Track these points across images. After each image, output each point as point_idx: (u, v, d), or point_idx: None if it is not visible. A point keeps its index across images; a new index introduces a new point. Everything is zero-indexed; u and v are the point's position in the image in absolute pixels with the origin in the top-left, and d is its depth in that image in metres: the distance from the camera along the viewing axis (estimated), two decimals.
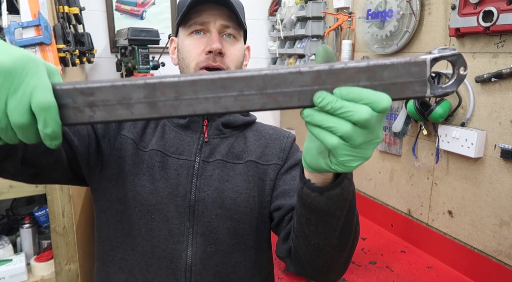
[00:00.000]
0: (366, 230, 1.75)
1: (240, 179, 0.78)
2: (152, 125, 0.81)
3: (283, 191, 0.78)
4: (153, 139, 0.79)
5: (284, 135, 0.87)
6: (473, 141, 1.27)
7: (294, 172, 0.80)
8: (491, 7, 1.14)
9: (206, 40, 0.75)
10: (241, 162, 0.79)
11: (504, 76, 1.18)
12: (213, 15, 0.75)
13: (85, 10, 1.61)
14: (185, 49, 0.77)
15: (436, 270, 1.43)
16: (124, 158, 0.76)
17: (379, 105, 0.38)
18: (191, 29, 0.76)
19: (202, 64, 0.74)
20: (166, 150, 0.77)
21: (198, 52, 0.75)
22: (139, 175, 0.75)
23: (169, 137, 0.79)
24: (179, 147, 0.78)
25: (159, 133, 0.79)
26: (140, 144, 0.78)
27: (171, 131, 0.80)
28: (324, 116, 0.39)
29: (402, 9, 1.50)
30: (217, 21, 0.75)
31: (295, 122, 2.51)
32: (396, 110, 1.63)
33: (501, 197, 1.25)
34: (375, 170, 1.82)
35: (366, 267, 1.45)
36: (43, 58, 1.19)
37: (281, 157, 0.82)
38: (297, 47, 2.15)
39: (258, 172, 0.80)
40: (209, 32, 0.76)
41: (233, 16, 0.76)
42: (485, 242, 1.32)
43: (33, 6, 1.15)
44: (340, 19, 1.86)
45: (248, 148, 0.81)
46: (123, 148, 0.77)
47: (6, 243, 1.42)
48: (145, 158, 0.76)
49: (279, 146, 0.84)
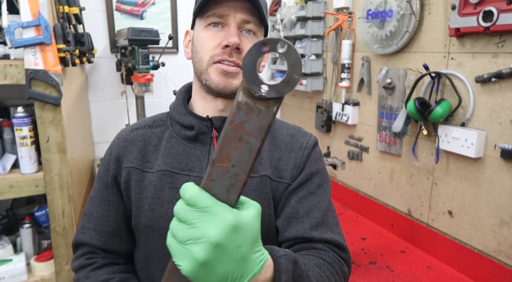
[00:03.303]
0: (366, 230, 1.75)
1: (255, 195, 0.71)
2: (153, 142, 0.76)
3: (284, 215, 0.72)
4: (159, 158, 0.73)
5: (302, 145, 0.77)
6: (473, 141, 1.27)
7: (302, 191, 0.74)
8: (491, 7, 1.14)
9: (224, 33, 0.69)
10: (255, 176, 0.72)
11: (504, 76, 1.18)
12: (233, 8, 0.69)
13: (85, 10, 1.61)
14: (200, 42, 0.71)
15: (436, 270, 1.43)
16: (130, 188, 0.74)
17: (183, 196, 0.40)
18: (209, 21, 0.70)
19: (216, 57, 0.69)
20: (174, 167, 0.72)
21: (214, 45, 0.69)
22: (148, 199, 0.71)
23: (177, 152, 0.73)
24: (188, 162, 0.73)
25: (166, 148, 0.74)
26: (146, 165, 0.74)
27: (179, 145, 0.74)
28: None
29: (402, 9, 1.50)
30: (237, 15, 0.69)
31: (295, 122, 2.51)
32: (396, 110, 1.63)
33: (501, 197, 1.25)
34: (375, 170, 1.82)
35: (366, 267, 1.45)
36: (43, 58, 1.19)
37: (294, 175, 0.75)
38: (297, 47, 2.15)
39: (272, 188, 0.73)
40: (227, 26, 0.70)
41: (255, 11, 0.70)
42: (485, 242, 1.32)
43: (33, 6, 1.15)
44: (340, 19, 1.86)
45: (263, 159, 0.74)
46: (127, 179, 0.74)
47: (6, 243, 1.42)
48: (153, 179, 0.72)
49: (294, 161, 0.75)
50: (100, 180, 0.77)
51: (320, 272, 0.62)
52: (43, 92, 1.21)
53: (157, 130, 0.77)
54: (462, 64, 1.33)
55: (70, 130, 1.41)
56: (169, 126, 0.77)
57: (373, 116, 1.78)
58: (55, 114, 1.26)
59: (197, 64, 0.73)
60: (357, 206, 1.94)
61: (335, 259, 0.68)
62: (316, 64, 2.07)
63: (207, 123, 0.74)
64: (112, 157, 0.76)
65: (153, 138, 0.76)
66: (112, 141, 0.80)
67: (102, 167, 0.78)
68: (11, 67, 1.20)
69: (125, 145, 0.76)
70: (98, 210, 0.77)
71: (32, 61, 1.18)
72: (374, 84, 1.75)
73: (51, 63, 1.20)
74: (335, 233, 0.72)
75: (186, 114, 0.74)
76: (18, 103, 1.41)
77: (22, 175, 1.31)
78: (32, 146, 1.31)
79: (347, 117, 1.90)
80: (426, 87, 1.47)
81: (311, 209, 0.72)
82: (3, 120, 1.38)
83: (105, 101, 2.15)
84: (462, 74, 1.33)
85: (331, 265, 0.66)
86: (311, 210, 0.72)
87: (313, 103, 2.22)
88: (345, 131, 2.00)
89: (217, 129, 0.74)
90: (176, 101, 0.79)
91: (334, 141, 2.09)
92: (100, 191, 0.77)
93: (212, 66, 0.69)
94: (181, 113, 0.75)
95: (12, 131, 1.33)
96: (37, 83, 1.20)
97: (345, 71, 1.86)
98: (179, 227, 0.40)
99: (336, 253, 0.70)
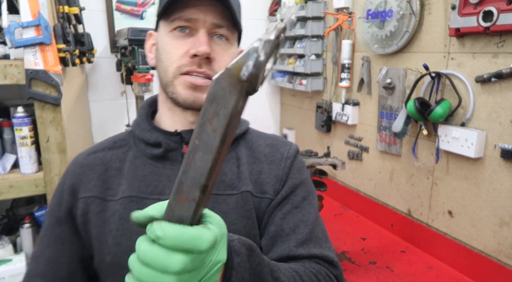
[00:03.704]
0: (366, 230, 1.75)
1: (237, 215, 0.63)
2: (115, 166, 0.66)
3: (268, 234, 0.65)
4: (123, 183, 0.64)
5: (283, 155, 0.71)
6: (473, 141, 1.27)
7: (286, 206, 0.67)
8: (491, 7, 1.14)
9: (192, 40, 0.61)
10: (235, 193, 0.64)
11: (504, 76, 1.18)
12: (203, 11, 0.60)
13: (85, 10, 1.61)
14: (164, 49, 0.63)
15: (436, 270, 1.43)
16: (89, 221, 0.63)
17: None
18: (174, 25, 0.61)
19: (184, 68, 0.61)
20: (142, 191, 0.62)
21: (181, 53, 0.61)
22: (113, 231, 0.61)
23: (144, 174, 0.64)
24: (157, 184, 0.63)
25: (130, 171, 0.65)
26: (107, 193, 0.64)
27: (145, 166, 0.65)
28: None
29: (402, 9, 1.50)
30: (207, 18, 0.61)
31: (295, 122, 2.51)
32: (396, 110, 1.63)
33: (501, 197, 1.25)
34: (375, 170, 1.82)
35: (366, 267, 1.45)
36: (43, 58, 1.19)
37: (277, 189, 0.68)
38: (297, 47, 2.15)
39: (254, 205, 0.65)
40: (196, 31, 0.61)
41: (227, 14, 0.62)
42: (485, 242, 1.32)
43: (33, 6, 1.15)
44: (340, 19, 1.86)
45: (242, 173, 0.66)
46: (85, 212, 0.63)
47: (6, 243, 1.42)
48: (117, 208, 0.62)
49: (276, 174, 0.68)
50: (51, 215, 0.66)
51: (294, 275, 0.55)
52: (43, 92, 1.21)
53: (119, 152, 0.68)
54: (462, 64, 1.33)
55: (70, 130, 1.41)
56: (132, 146, 0.68)
57: (373, 116, 1.78)
58: (55, 114, 1.26)
59: (162, 74, 0.64)
60: (357, 206, 1.94)
61: (321, 271, 0.61)
62: (316, 64, 2.07)
63: (176, 138, 0.65)
64: (66, 186, 0.66)
65: (114, 161, 0.66)
66: (66, 168, 0.70)
67: (54, 199, 0.67)
68: (11, 67, 1.20)
69: (81, 172, 0.66)
70: (48, 251, 0.65)
71: (32, 61, 1.18)
72: (374, 84, 1.75)
73: (51, 63, 1.20)
74: (325, 248, 0.66)
75: (151, 130, 0.66)
76: (18, 103, 1.41)
77: (22, 175, 1.31)
78: (32, 145, 1.31)
79: (347, 117, 1.90)
80: (426, 87, 1.47)
81: (296, 225, 0.65)
82: (3, 120, 1.38)
83: (105, 101, 2.15)
84: (462, 74, 1.33)
85: (314, 275, 0.59)
86: (297, 226, 0.65)
87: (313, 103, 2.22)
88: (345, 131, 1.99)
89: (188, 144, 0.64)
90: (138, 117, 0.70)
91: (334, 141, 2.09)
92: (51, 228, 0.66)
93: (179, 78, 0.61)
94: (145, 130, 0.66)
95: (12, 131, 1.33)
96: (37, 83, 1.20)
97: (345, 71, 1.86)
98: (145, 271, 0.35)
99: (326, 268, 0.63)
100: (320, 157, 1.45)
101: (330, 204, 2.00)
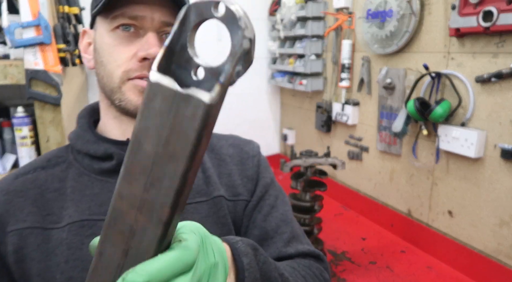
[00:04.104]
0: (366, 230, 1.75)
1: (210, 222, 0.57)
2: (53, 187, 0.55)
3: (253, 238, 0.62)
4: (67, 206, 0.54)
5: (248, 154, 0.67)
6: (473, 141, 1.27)
7: (265, 207, 0.64)
8: (491, 7, 1.14)
9: (140, 41, 0.53)
10: (205, 199, 0.59)
11: (504, 76, 1.18)
12: (149, 7, 0.52)
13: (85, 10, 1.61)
14: (106, 51, 0.54)
15: (436, 270, 1.43)
16: (26, 257, 0.52)
17: None
18: (117, 23, 0.53)
19: (133, 73, 0.53)
20: (94, 213, 0.53)
21: (127, 56, 0.53)
22: (61, 265, 0.51)
23: (94, 193, 0.55)
24: None
25: (76, 191, 0.55)
26: (47, 220, 0.53)
27: (94, 183, 0.55)
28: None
29: (402, 9, 1.50)
30: (155, 16, 0.53)
31: (295, 122, 2.51)
32: (396, 110, 1.63)
33: (501, 197, 1.25)
34: (375, 170, 1.82)
35: (366, 267, 1.45)
36: (43, 58, 1.19)
37: (250, 189, 0.64)
38: (297, 47, 2.15)
39: (229, 210, 0.61)
40: (143, 30, 0.53)
41: (177, 10, 0.54)
42: (485, 242, 1.32)
43: (33, 6, 1.15)
44: (340, 19, 1.86)
45: (210, 178, 0.61)
46: (19, 247, 0.52)
47: None
48: (63, 236, 0.52)
49: (246, 174, 0.65)
50: None
51: (293, 271, 0.54)
52: (43, 92, 1.21)
53: (56, 171, 0.57)
54: (462, 64, 1.33)
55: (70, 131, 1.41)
56: (72, 163, 0.58)
57: (373, 116, 1.78)
58: (55, 114, 1.26)
59: (104, 79, 0.55)
60: (357, 206, 1.94)
61: (312, 265, 0.60)
62: (316, 64, 2.07)
63: None
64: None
65: (51, 182, 0.56)
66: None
67: None
68: (11, 67, 1.20)
69: (8, 200, 0.54)
70: None
71: (32, 61, 1.18)
72: (374, 84, 1.75)
73: (51, 63, 1.20)
74: (306, 244, 0.65)
75: (98, 141, 0.57)
76: (18, 103, 1.41)
77: None
78: (32, 145, 1.31)
79: (347, 117, 1.90)
80: (426, 87, 1.47)
81: (278, 225, 0.63)
82: (3, 120, 1.38)
83: None
84: (462, 74, 1.33)
85: (308, 268, 0.59)
86: (278, 226, 0.63)
87: (313, 103, 2.22)
88: (345, 131, 1.99)
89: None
90: (78, 128, 0.60)
91: (334, 140, 2.09)
92: None
93: (128, 83, 0.53)
94: (90, 142, 0.57)
95: (12, 131, 1.33)
96: (37, 83, 1.20)
97: (345, 71, 1.86)
98: None
99: (314, 262, 0.62)
100: (320, 157, 1.45)
101: (330, 204, 2.00)
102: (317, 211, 1.45)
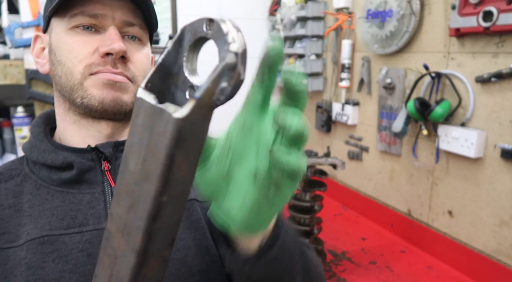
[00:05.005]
0: (366, 230, 1.75)
1: (183, 228, 0.53)
2: (7, 203, 0.51)
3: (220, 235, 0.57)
4: (25, 222, 0.49)
5: None
6: (473, 141, 1.27)
7: None
8: (491, 7, 1.14)
9: (100, 38, 0.51)
10: None
11: (504, 76, 1.18)
12: (110, 6, 0.51)
13: None
14: (65, 49, 0.51)
15: (436, 270, 1.43)
16: None
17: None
18: (75, 23, 0.51)
19: (95, 68, 0.50)
20: (55, 227, 0.49)
21: (89, 51, 0.51)
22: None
23: (55, 206, 0.50)
24: (76, 215, 0.50)
25: (34, 206, 0.50)
26: (2, 238, 0.48)
27: (54, 196, 0.51)
28: None
29: (402, 9, 1.50)
30: (116, 15, 0.51)
31: None
32: (396, 110, 1.63)
33: (501, 197, 1.25)
34: (375, 170, 1.82)
35: (366, 267, 1.45)
36: None
37: None
38: (297, 47, 2.15)
39: (203, 213, 0.56)
40: (103, 29, 0.51)
41: (138, 11, 0.53)
42: (485, 242, 1.32)
43: (33, 6, 1.15)
44: (340, 19, 1.86)
45: None
46: None
47: None
48: (22, 255, 0.47)
49: None
50: None
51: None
52: (43, 92, 1.21)
53: (9, 185, 0.53)
54: (462, 64, 1.33)
55: None
56: (28, 175, 0.54)
57: (373, 116, 1.78)
58: None
59: (63, 78, 0.52)
60: (357, 206, 1.94)
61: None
62: (316, 64, 2.07)
63: (91, 155, 0.53)
64: None
65: (4, 197, 0.51)
66: None
67: None
68: (11, 67, 1.20)
69: None
70: None
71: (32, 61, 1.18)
72: (374, 84, 1.75)
73: None
74: None
75: (56, 150, 0.53)
76: (18, 103, 1.41)
77: None
78: None
79: (347, 117, 1.90)
80: (426, 87, 1.47)
81: None
82: (3, 120, 1.38)
83: None
84: (462, 74, 1.33)
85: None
86: None
87: (313, 103, 2.22)
88: (345, 131, 2.00)
89: (108, 159, 0.53)
90: (32, 137, 0.55)
91: (334, 141, 2.09)
92: None
93: (89, 78, 0.51)
94: (47, 151, 0.53)
95: (12, 131, 1.33)
96: (37, 83, 1.20)
97: (345, 71, 1.86)
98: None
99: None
100: (320, 157, 1.45)
101: (330, 204, 2.00)
102: (317, 211, 1.45)
